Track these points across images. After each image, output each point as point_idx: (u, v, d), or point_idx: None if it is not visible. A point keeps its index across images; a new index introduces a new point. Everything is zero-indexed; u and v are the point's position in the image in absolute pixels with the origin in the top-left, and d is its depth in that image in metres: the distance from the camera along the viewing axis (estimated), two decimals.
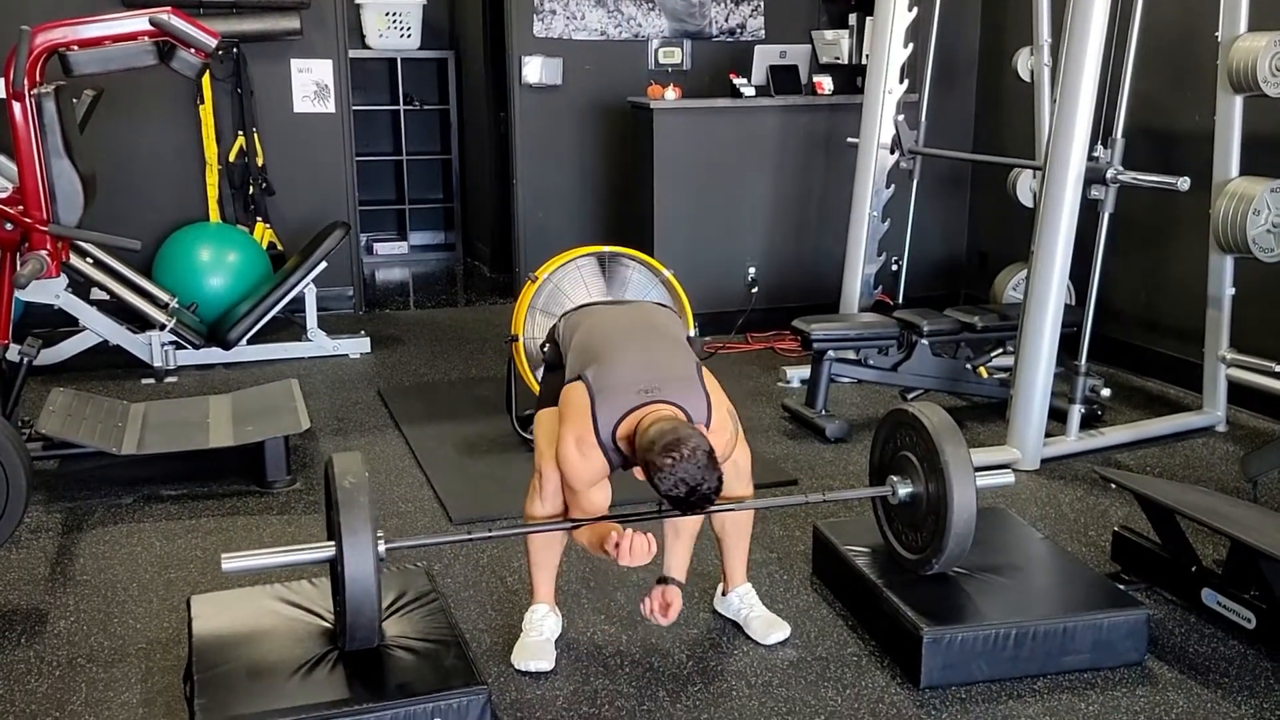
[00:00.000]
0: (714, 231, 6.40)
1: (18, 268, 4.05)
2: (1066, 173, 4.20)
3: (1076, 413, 4.49)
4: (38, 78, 3.97)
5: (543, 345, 3.29)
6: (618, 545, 2.70)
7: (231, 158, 6.72)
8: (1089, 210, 4.36)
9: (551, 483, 2.94)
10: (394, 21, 8.56)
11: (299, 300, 6.05)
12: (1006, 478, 3.28)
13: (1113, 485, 3.83)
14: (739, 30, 7.31)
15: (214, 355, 5.92)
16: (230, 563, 2.75)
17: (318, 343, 6.14)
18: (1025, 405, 4.37)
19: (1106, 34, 4.18)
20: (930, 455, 3.04)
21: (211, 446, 4.29)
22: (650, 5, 7.18)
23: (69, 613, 3.37)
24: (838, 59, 6.79)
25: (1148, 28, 4.36)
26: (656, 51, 7.17)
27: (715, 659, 3.12)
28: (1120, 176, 4.25)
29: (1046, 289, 4.30)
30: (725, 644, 3.18)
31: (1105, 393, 4.63)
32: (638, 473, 2.75)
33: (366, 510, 2.66)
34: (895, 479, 3.17)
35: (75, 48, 3.91)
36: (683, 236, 6.31)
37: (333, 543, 2.73)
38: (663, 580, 2.96)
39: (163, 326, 5.71)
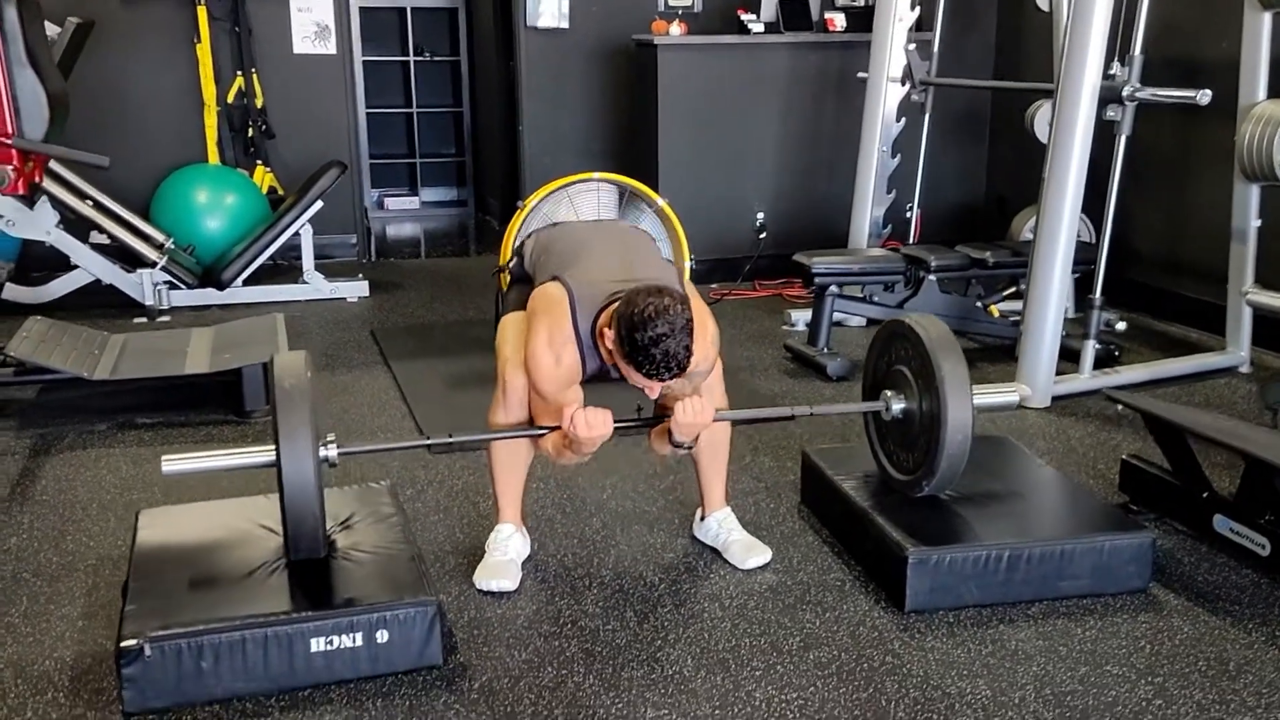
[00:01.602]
0: (721, 175, 6.19)
1: None
2: (1080, 89, 3.97)
3: (1090, 349, 4.26)
4: None
5: (509, 260, 3.11)
6: (574, 419, 2.54)
7: (230, 99, 6.59)
8: (1106, 141, 4.13)
9: (516, 392, 2.78)
10: None
11: (298, 245, 5.91)
12: (1008, 396, 3.08)
13: (1120, 406, 3.62)
14: None
15: (209, 296, 5.81)
16: (170, 464, 2.60)
17: (314, 285, 6.01)
18: (1036, 337, 4.15)
19: None
20: (925, 370, 2.84)
21: (187, 373, 4.16)
22: None
23: (21, 530, 3.25)
24: (854, 1, 6.56)
25: None
26: None
27: (689, 582, 2.94)
28: (1138, 94, 4.02)
29: (1059, 214, 4.07)
30: (701, 569, 3.01)
31: (1121, 326, 4.41)
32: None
33: (306, 412, 2.49)
34: (889, 394, 2.97)
35: None
36: (688, 180, 6.10)
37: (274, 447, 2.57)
38: None
39: (155, 264, 5.59)
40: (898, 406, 2.95)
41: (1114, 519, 2.94)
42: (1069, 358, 4.33)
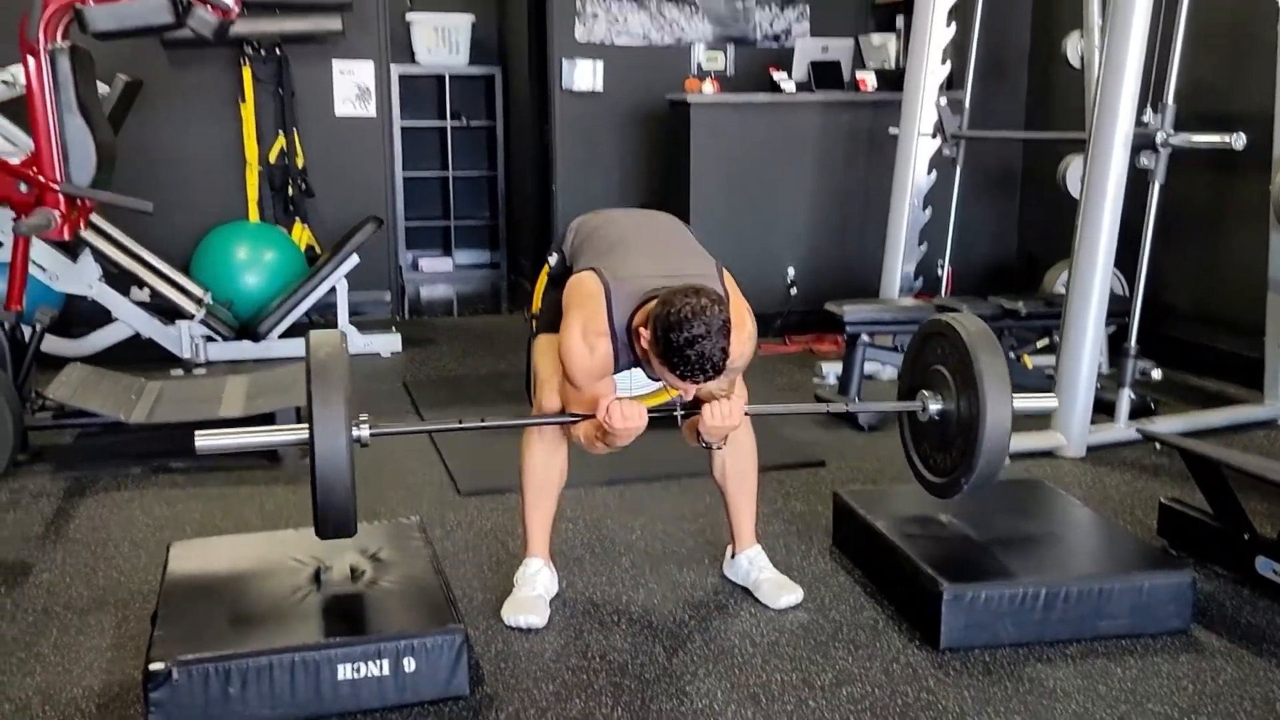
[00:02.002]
0: (752, 230, 6.23)
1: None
2: (1113, 134, 3.97)
3: (1126, 397, 4.22)
4: (55, 35, 3.95)
5: (548, 255, 3.00)
6: (609, 410, 2.51)
7: (272, 158, 6.71)
8: (1139, 195, 4.12)
9: (550, 414, 2.78)
10: (443, 38, 8.59)
11: (334, 302, 5.98)
12: (1049, 402, 3.04)
13: (1157, 445, 3.56)
14: (784, 35, 7.18)
15: (245, 349, 5.86)
16: (203, 440, 2.60)
17: (348, 339, 6.04)
18: (1070, 386, 4.11)
19: (1154, 6, 3.97)
20: (964, 368, 2.75)
21: (221, 416, 4.18)
22: (694, 9, 7.09)
23: (54, 566, 3.26)
24: (884, 63, 6.63)
25: (1201, 8, 4.14)
26: (699, 56, 7.05)
27: (719, 619, 2.91)
28: (1171, 140, 4.02)
29: (1092, 258, 4.05)
30: (732, 606, 2.98)
31: (1156, 374, 4.37)
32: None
33: (342, 383, 2.45)
34: (926, 394, 2.89)
35: (90, 3, 3.89)
36: (719, 235, 6.10)
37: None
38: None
39: (193, 317, 5.67)
40: (934, 407, 2.85)
41: (1153, 557, 2.89)
42: (1104, 411, 4.29)
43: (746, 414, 2.75)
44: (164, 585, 2.74)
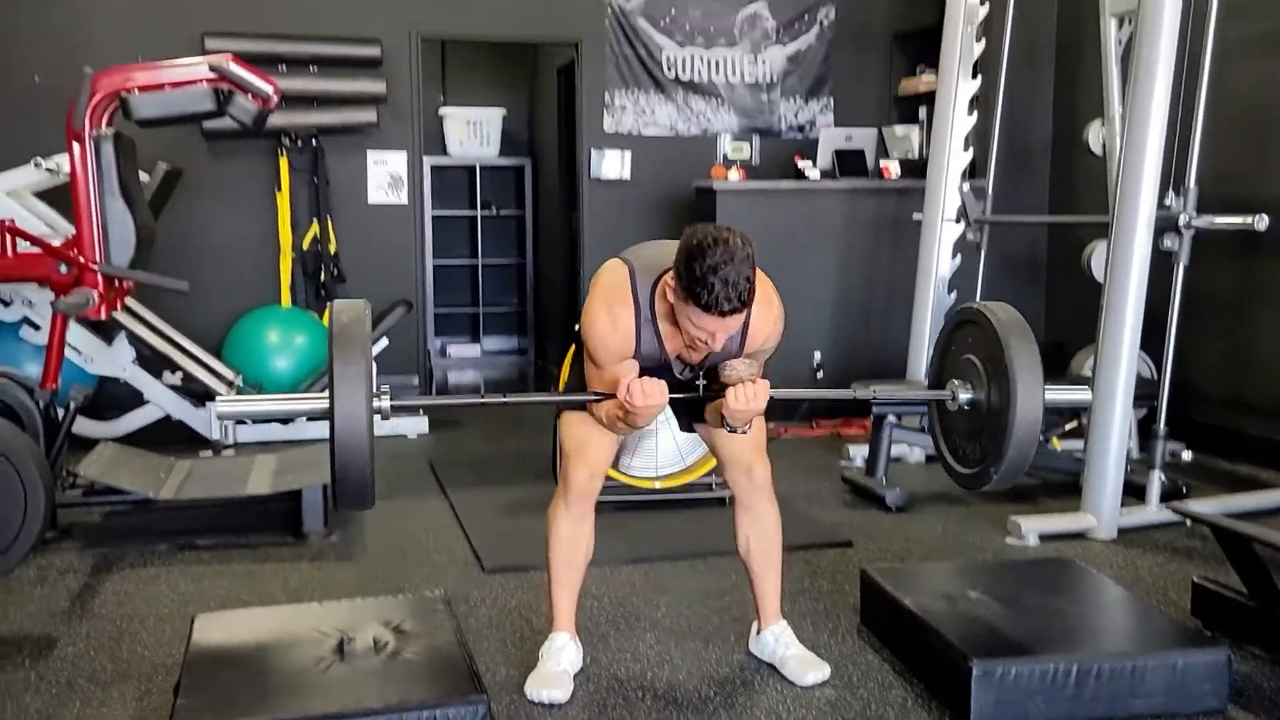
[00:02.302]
0: None
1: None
2: (1136, 218, 4.00)
3: (1156, 479, 4.18)
4: (100, 122, 4.07)
5: (576, 325, 3.08)
6: (629, 388, 2.50)
7: (305, 245, 6.82)
8: (1163, 279, 4.14)
9: (579, 485, 2.83)
10: (475, 130, 8.78)
11: None
12: (1081, 394, 3.01)
13: (1188, 522, 3.52)
14: (808, 126, 7.29)
15: (273, 431, 5.89)
16: (223, 405, 2.61)
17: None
18: (1099, 465, 4.08)
19: (1174, 93, 4.04)
20: (994, 355, 2.68)
21: (249, 493, 4.21)
22: (720, 101, 7.22)
23: (78, 639, 3.26)
24: (908, 153, 6.72)
25: (1222, 97, 4.20)
26: (726, 146, 7.16)
27: (745, 696, 2.87)
28: (1194, 222, 4.04)
29: (1118, 339, 4.06)
30: (758, 684, 2.94)
31: (1186, 455, 4.33)
32: (670, 342, 2.64)
33: (362, 348, 2.40)
34: (956, 383, 2.82)
35: (135, 92, 4.02)
36: None
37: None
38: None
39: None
40: (964, 396, 2.78)
41: (1187, 635, 2.85)
42: (1135, 494, 4.25)
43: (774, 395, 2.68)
44: (187, 656, 2.73)
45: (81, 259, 4.11)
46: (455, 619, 2.94)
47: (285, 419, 5.88)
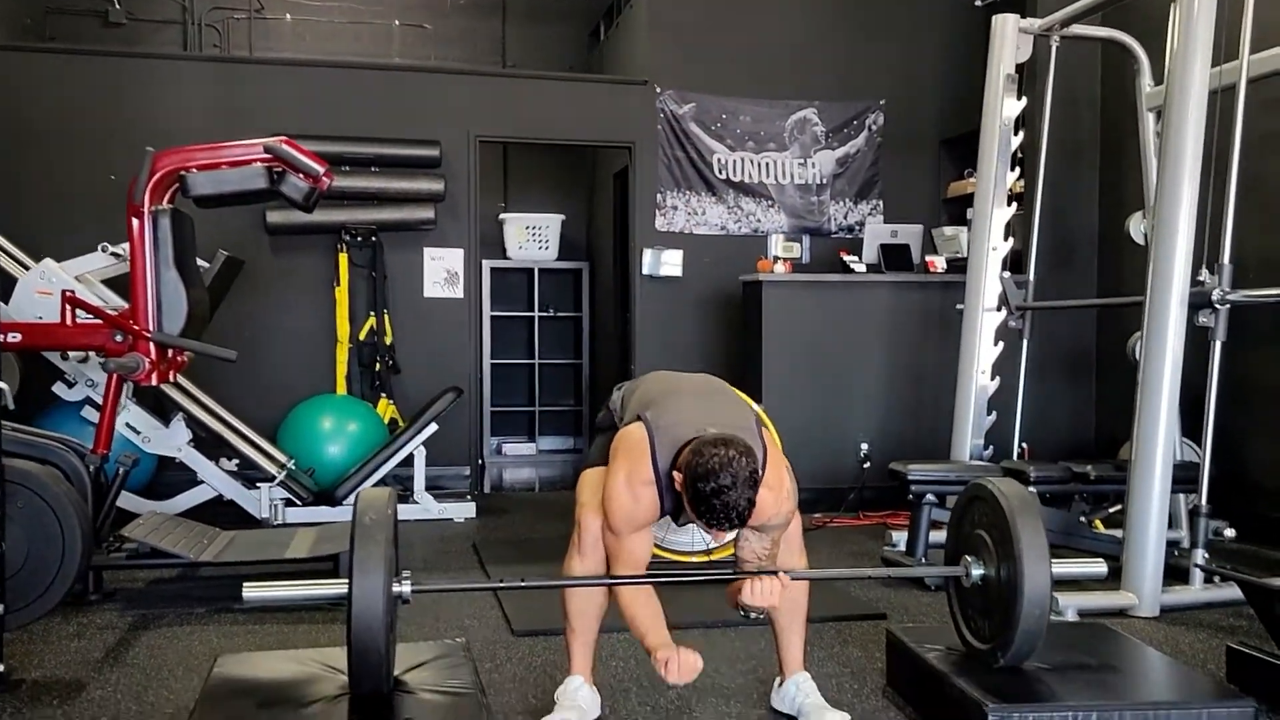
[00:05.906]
0: (824, 405, 6.28)
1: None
2: (1169, 294, 4.00)
3: (1200, 557, 4.08)
4: (160, 198, 4.29)
5: (599, 415, 3.20)
6: (666, 664, 2.53)
7: (362, 336, 7.01)
8: (1202, 363, 4.12)
9: (591, 533, 2.83)
10: (533, 234, 9.02)
11: (412, 474, 6.12)
12: (1096, 567, 2.98)
13: (1215, 580, 3.42)
14: (858, 227, 7.39)
15: (321, 513, 5.99)
16: (250, 592, 2.68)
17: (424, 505, 6.17)
18: (1139, 543, 4.01)
19: (1204, 174, 4.08)
20: (1004, 536, 2.79)
21: (287, 557, 4.28)
22: (770, 203, 7.38)
23: (107, 685, 3.32)
24: (956, 252, 6.77)
25: (1256, 176, 4.22)
26: (776, 247, 7.26)
27: None
28: (1229, 296, 4.02)
29: (1154, 415, 4.02)
30: None
31: (1229, 533, 4.22)
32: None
33: (381, 547, 2.55)
34: (969, 559, 2.91)
35: (193, 170, 4.23)
36: (792, 410, 6.18)
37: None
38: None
39: (274, 479, 5.84)
40: (977, 572, 2.89)
41: (1213, 687, 2.76)
42: (1180, 578, 4.16)
43: (793, 578, 2.76)
44: (204, 689, 2.77)
45: (135, 326, 4.28)
46: (473, 663, 2.96)
47: (333, 501, 5.97)
